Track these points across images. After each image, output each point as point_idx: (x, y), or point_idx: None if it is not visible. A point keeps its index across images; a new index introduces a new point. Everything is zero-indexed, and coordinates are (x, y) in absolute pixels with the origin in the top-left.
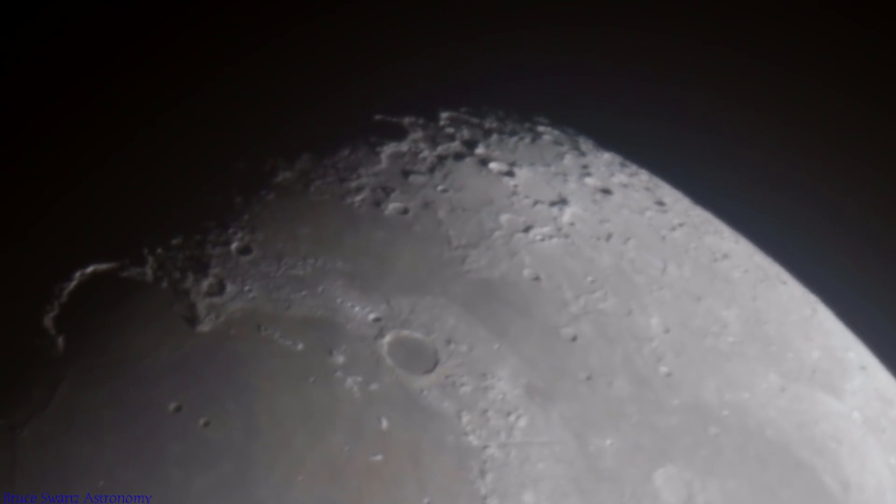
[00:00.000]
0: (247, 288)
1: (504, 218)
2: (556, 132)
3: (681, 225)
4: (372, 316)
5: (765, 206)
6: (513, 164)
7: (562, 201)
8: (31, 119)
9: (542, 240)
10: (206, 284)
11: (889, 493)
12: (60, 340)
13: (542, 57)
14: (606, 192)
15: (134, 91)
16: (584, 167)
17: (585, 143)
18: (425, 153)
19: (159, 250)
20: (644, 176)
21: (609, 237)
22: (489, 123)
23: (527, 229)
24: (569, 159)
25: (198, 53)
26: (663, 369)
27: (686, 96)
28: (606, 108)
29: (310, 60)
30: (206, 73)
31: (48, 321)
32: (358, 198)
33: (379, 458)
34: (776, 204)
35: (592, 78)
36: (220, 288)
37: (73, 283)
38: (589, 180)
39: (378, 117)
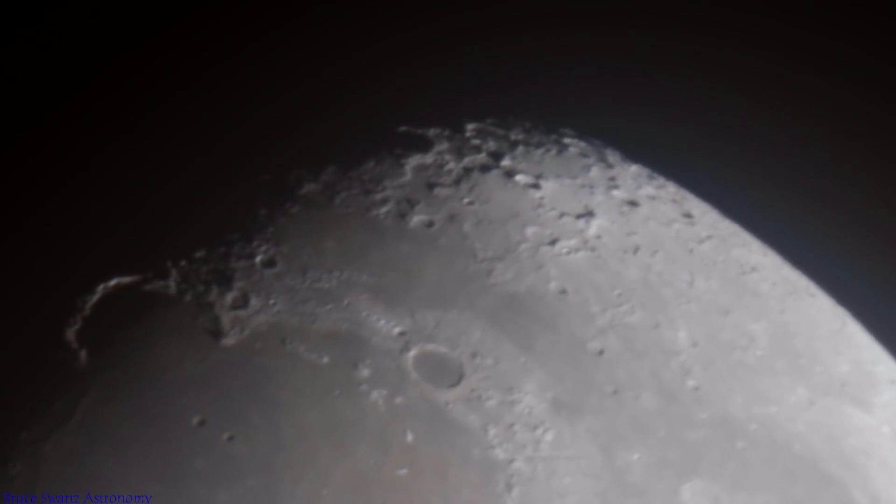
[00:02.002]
0: (271, 301)
1: (530, 231)
2: (583, 144)
3: (709, 237)
4: (397, 329)
5: (793, 219)
6: (539, 177)
7: (588, 214)
8: (53, 131)
9: (569, 253)
10: (230, 297)
11: None
12: (83, 354)
13: (568, 68)
14: (633, 204)
15: (157, 103)
16: (611, 179)
17: (612, 155)
18: (451, 165)
19: (183, 263)
20: (671, 188)
21: (636, 250)
22: (515, 135)
23: (553, 242)
24: (595, 171)
25: (224, 64)
26: (691, 383)
27: (715, 107)
28: (634, 120)
29: (335, 72)
30: (231, 85)
31: (71, 334)
32: (383, 210)
33: (404, 472)
34: (805, 216)
35: (620, 89)
36: (244, 301)
37: (96, 296)
38: (616, 192)
39: (403, 129)
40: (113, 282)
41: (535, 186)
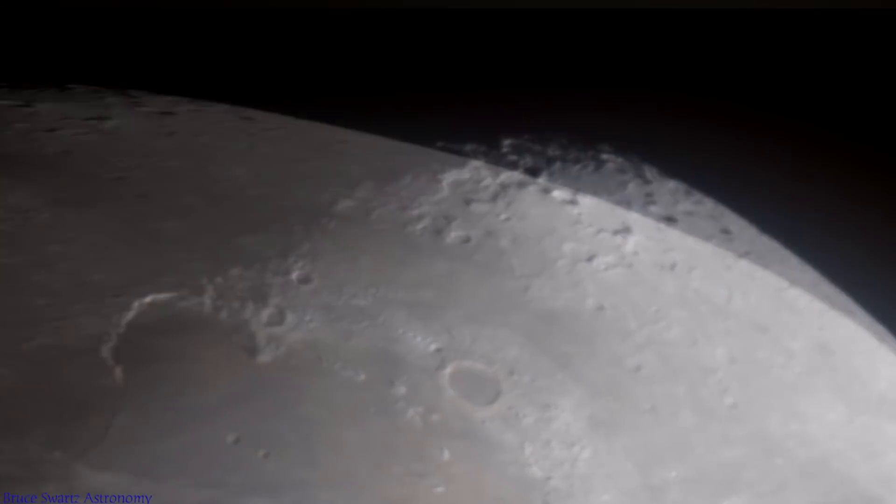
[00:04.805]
0: (307, 318)
1: (567, 247)
2: (620, 159)
3: (747, 254)
4: (433, 346)
5: (831, 235)
6: (576, 193)
7: (625, 230)
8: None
9: (606, 269)
10: (265, 314)
11: None
12: (118, 371)
13: (605, 83)
14: (671, 220)
15: (191, 118)
16: (648, 195)
17: (650, 171)
18: (487, 181)
19: (218, 279)
20: (709, 204)
21: (673, 266)
22: (552, 151)
23: (590, 258)
24: (632, 187)
25: (260, 79)
26: (728, 400)
27: (753, 124)
28: (672, 135)
29: (371, 88)
30: (267, 102)
31: (106, 351)
32: (419, 226)
33: (441, 489)
34: (843, 232)
35: (657, 103)
36: (280, 318)
37: (132, 313)
38: (653, 208)
39: (440, 144)
40: (148, 298)
41: (573, 202)
